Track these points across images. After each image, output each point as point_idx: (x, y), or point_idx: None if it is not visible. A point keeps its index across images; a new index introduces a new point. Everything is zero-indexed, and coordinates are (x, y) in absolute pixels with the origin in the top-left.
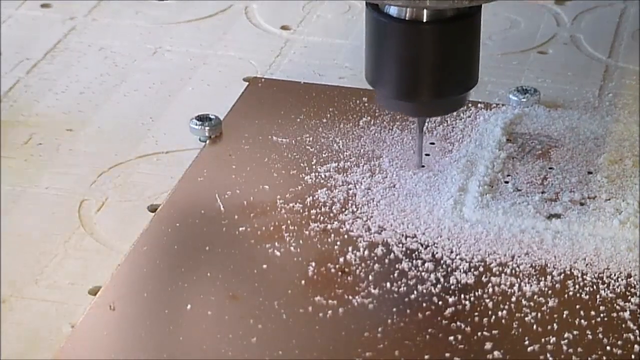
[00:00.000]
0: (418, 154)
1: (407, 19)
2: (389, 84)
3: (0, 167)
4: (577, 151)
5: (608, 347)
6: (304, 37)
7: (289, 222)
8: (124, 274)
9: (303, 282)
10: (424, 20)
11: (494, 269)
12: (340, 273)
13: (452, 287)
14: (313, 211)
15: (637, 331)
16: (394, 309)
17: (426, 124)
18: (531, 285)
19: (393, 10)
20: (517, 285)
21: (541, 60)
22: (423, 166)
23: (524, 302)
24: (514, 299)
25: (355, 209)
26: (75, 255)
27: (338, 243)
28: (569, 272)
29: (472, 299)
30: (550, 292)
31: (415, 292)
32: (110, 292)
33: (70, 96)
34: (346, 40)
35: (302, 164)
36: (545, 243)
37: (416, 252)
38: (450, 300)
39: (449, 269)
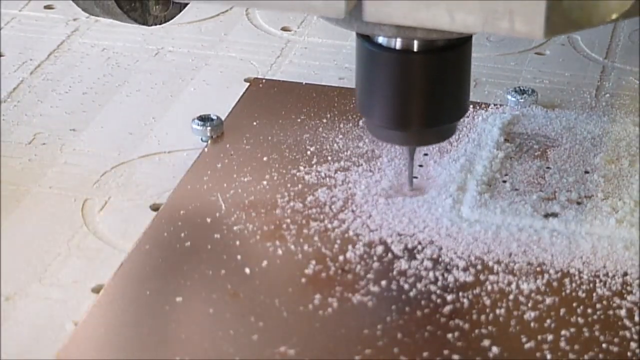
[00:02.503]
0: (409, 181)
1: (397, 48)
2: (379, 114)
3: (2, 166)
4: (574, 151)
5: (604, 345)
6: (304, 38)
7: (289, 220)
8: (126, 273)
9: (303, 280)
10: (415, 50)
11: (492, 267)
12: (340, 271)
13: (450, 285)
14: (313, 210)
15: (633, 329)
16: (393, 307)
17: None
18: (529, 283)
19: (383, 40)
20: (514, 283)
21: (539, 61)
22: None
23: (521, 299)
24: (511, 296)
25: (355, 208)
26: (78, 254)
27: (338, 241)
28: (566, 271)
29: (470, 296)
30: (547, 290)
31: (414, 290)
32: (113, 291)
33: (74, 96)
34: (346, 41)
35: (302, 164)
36: (543, 242)
37: (415, 251)
38: (449, 298)
39: (448, 267)
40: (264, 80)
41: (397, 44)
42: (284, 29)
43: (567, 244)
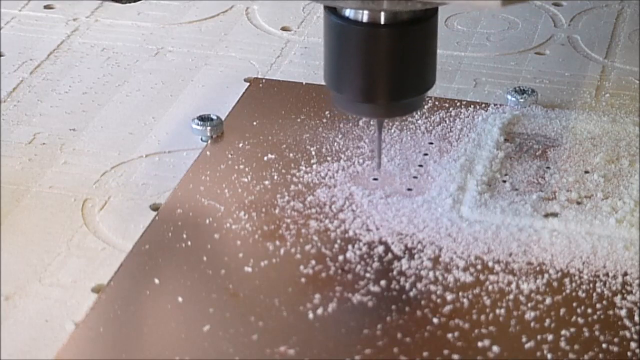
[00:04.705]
0: (377, 156)
1: (363, 21)
2: (346, 87)
3: (2, 166)
4: (574, 151)
5: (604, 345)
6: (304, 38)
7: (289, 220)
8: (126, 273)
9: (303, 280)
10: (382, 22)
11: (492, 267)
12: (339, 271)
13: (450, 285)
14: (313, 210)
15: (633, 328)
16: (393, 307)
17: (424, 123)
18: (528, 283)
19: (350, 13)
20: (514, 283)
21: (539, 60)
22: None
23: (521, 299)
24: (511, 296)
25: (354, 208)
26: (78, 254)
27: (338, 241)
28: (566, 271)
29: (470, 296)
30: (547, 289)
31: (414, 289)
32: (113, 291)
33: (74, 96)
34: None
35: (302, 163)
36: (543, 241)
37: (415, 251)
38: (449, 298)
39: (447, 267)
40: (263, 80)
41: (364, 17)
42: (284, 28)
43: (567, 243)
